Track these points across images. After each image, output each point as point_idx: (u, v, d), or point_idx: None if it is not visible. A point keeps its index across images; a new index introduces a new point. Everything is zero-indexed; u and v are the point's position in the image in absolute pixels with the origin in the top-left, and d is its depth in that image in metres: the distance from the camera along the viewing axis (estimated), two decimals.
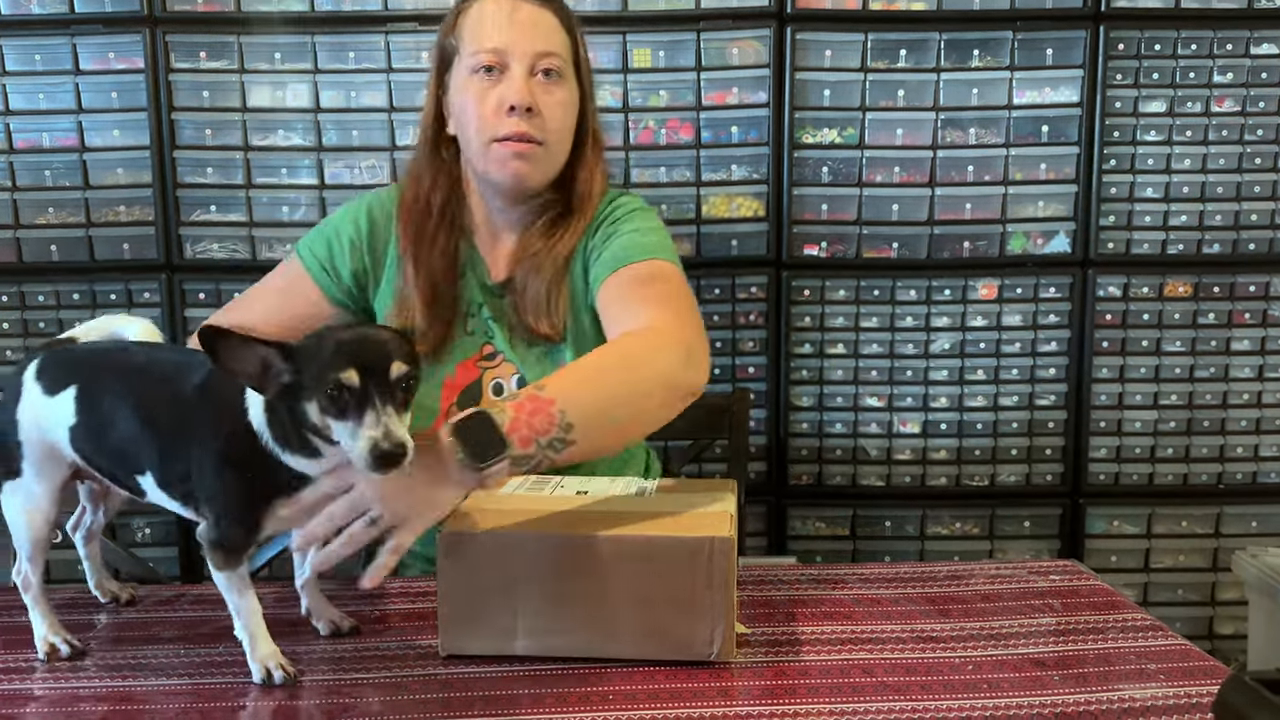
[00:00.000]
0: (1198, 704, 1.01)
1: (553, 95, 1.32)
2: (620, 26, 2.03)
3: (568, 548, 1.07)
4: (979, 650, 1.13)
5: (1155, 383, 2.14)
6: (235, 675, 1.08)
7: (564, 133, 1.35)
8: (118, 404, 1.05)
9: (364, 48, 2.04)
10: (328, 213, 2.03)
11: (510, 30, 1.30)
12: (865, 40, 2.04)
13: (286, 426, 0.97)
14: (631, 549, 1.07)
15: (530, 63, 1.30)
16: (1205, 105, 2.08)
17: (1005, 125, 2.07)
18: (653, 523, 1.10)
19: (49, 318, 2.09)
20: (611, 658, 1.08)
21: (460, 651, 1.10)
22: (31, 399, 1.09)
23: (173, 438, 1.03)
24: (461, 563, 1.08)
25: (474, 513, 1.14)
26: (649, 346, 1.17)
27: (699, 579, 1.06)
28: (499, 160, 1.32)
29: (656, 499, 1.19)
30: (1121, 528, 2.18)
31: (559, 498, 1.19)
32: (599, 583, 1.07)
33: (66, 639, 1.12)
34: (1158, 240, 2.11)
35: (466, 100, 1.33)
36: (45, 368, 1.10)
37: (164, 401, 1.04)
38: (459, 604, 1.09)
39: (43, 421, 1.08)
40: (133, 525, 2.11)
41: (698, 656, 1.08)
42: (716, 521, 1.09)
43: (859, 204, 2.09)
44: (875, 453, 2.16)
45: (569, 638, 1.09)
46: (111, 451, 1.07)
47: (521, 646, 1.09)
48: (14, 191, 2.07)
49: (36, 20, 2.03)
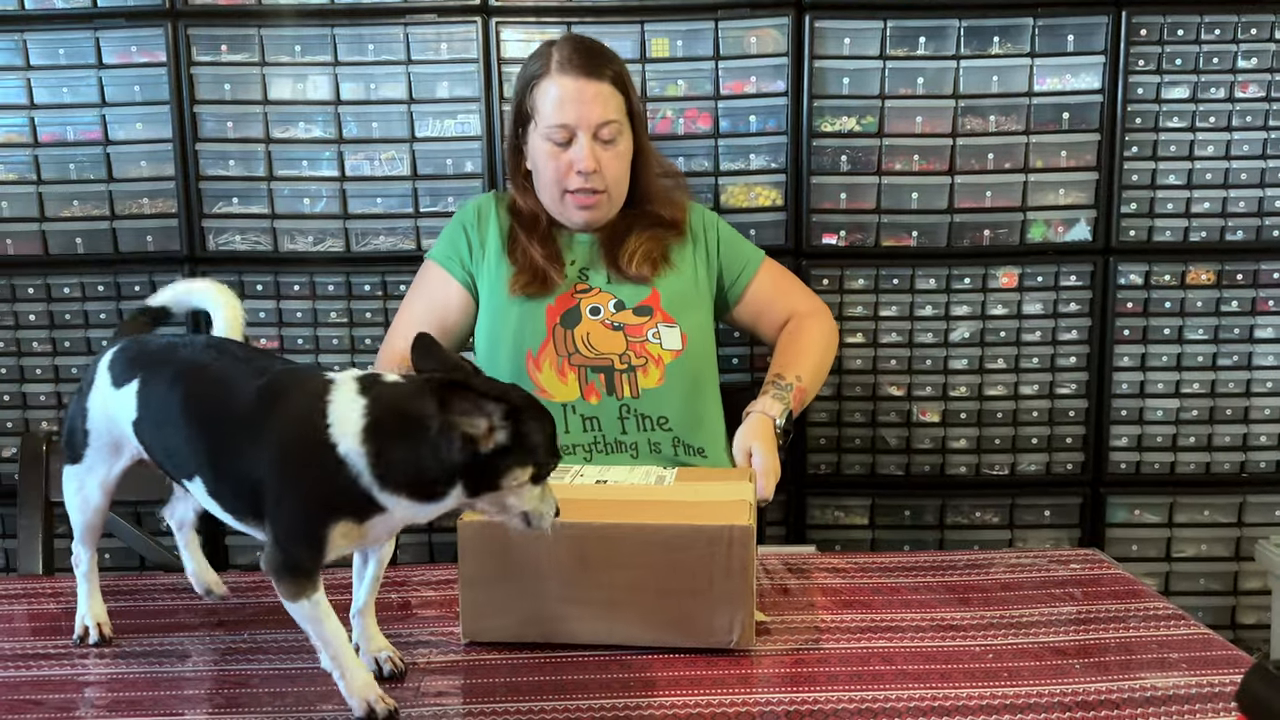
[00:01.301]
0: (1220, 693, 1.01)
1: (610, 152, 1.62)
2: (638, 16, 2.03)
3: (587, 536, 1.08)
4: (999, 639, 1.13)
5: (1177, 371, 2.13)
6: (259, 662, 1.09)
7: (622, 176, 1.66)
8: (175, 404, 1.04)
9: (383, 40, 2.04)
10: (348, 204, 2.08)
11: (577, 108, 1.59)
12: (884, 27, 2.03)
13: (411, 468, 0.92)
14: (651, 538, 1.08)
15: (592, 133, 1.60)
16: (1229, 90, 2.06)
17: (1026, 112, 2.06)
18: (672, 511, 1.11)
19: (74, 309, 2.11)
20: (632, 645, 1.09)
21: (481, 638, 1.11)
22: (102, 389, 1.10)
23: (233, 449, 0.99)
24: (482, 551, 1.10)
25: None
26: (828, 328, 1.74)
27: (718, 567, 1.07)
28: (570, 209, 1.65)
29: (676, 488, 1.20)
30: (1143, 517, 2.17)
31: (579, 486, 1.20)
32: (619, 571, 1.08)
33: (99, 624, 1.14)
34: (1180, 227, 2.09)
35: (543, 161, 1.63)
36: (116, 359, 1.11)
37: (224, 410, 1.01)
38: (479, 591, 1.10)
39: (111, 412, 1.09)
40: (157, 513, 2.12)
41: (718, 644, 1.08)
42: (736, 510, 1.10)
43: (878, 192, 2.08)
44: (894, 441, 2.16)
45: (589, 625, 1.10)
46: (165, 450, 1.07)
47: (541, 633, 1.10)
48: (39, 185, 2.09)
49: (60, 15, 2.04)
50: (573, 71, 1.60)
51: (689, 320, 1.65)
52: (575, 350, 1.60)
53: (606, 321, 1.62)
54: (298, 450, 0.95)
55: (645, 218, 1.69)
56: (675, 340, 1.62)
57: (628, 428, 1.58)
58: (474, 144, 2.06)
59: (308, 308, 2.11)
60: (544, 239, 1.66)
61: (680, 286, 1.67)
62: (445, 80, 2.05)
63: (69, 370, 2.12)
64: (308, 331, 2.11)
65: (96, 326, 2.11)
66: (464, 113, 2.06)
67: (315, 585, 0.96)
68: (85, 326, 2.12)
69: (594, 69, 1.61)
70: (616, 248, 1.66)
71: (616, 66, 1.65)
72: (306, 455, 0.94)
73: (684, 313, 1.65)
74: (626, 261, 1.64)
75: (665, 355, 1.61)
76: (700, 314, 1.69)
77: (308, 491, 0.95)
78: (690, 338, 1.64)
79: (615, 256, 1.65)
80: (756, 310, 1.75)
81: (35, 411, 2.14)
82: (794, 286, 1.80)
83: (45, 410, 2.14)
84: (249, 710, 0.99)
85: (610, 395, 1.59)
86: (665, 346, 1.62)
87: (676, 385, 1.61)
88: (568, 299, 1.64)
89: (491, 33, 2.02)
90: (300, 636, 1.13)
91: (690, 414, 1.62)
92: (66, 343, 2.12)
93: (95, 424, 1.11)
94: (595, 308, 1.64)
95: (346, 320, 2.11)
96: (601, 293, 1.65)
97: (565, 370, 1.60)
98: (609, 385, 1.59)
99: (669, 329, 1.63)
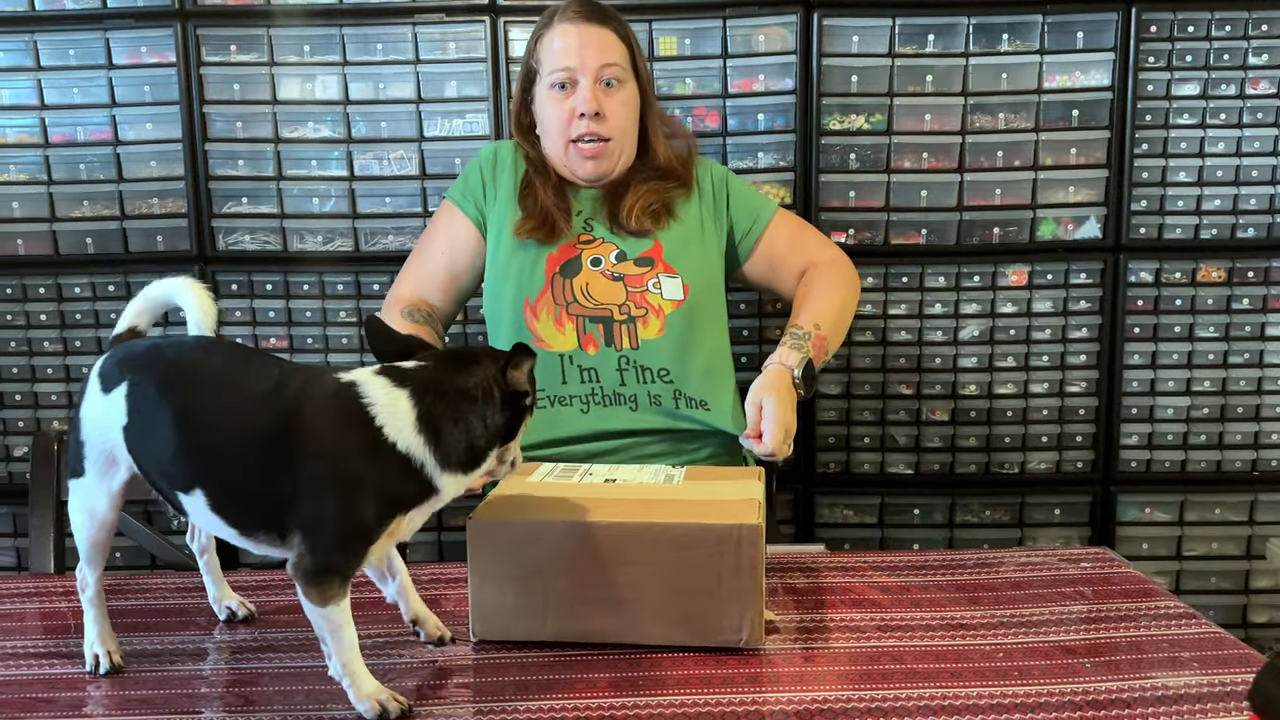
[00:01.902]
0: (1232, 692, 1.00)
1: (614, 98, 1.62)
2: (646, 14, 2.03)
3: (596, 535, 1.08)
4: (1009, 637, 1.12)
5: (1188, 369, 2.12)
6: (270, 660, 1.09)
7: (628, 126, 1.65)
8: (168, 410, 0.98)
9: (392, 39, 2.05)
10: (357, 204, 2.08)
11: (578, 51, 1.60)
12: (893, 25, 2.02)
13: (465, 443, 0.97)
14: (660, 536, 1.07)
15: (595, 75, 1.60)
16: (1239, 88, 2.05)
17: (1035, 110, 2.05)
18: (682, 510, 1.11)
19: (85, 309, 2.12)
20: (642, 644, 1.09)
21: (491, 637, 1.11)
22: (92, 396, 1.04)
23: (250, 461, 0.96)
24: (491, 550, 1.09)
25: (503, 500, 1.15)
26: (848, 274, 1.70)
27: (727, 566, 1.06)
28: (577, 160, 1.64)
29: (685, 486, 1.20)
30: (1153, 515, 2.16)
31: (587, 485, 1.20)
32: (628, 570, 1.08)
33: (110, 652, 1.07)
34: (1190, 225, 2.09)
35: (547, 112, 1.64)
36: (107, 363, 1.05)
37: (234, 419, 0.97)
38: (489, 590, 1.10)
39: (99, 420, 1.03)
40: (168, 513, 2.13)
41: (727, 643, 1.08)
42: (745, 509, 1.10)
43: (887, 190, 2.07)
44: (904, 440, 2.16)
45: (599, 623, 1.09)
46: (156, 461, 1.00)
47: (551, 632, 1.10)
48: (50, 185, 2.10)
49: (70, 15, 2.05)
50: (575, 19, 1.62)
51: (692, 271, 1.63)
52: (574, 300, 1.60)
53: (607, 272, 1.61)
54: (356, 456, 0.94)
55: (648, 171, 1.68)
56: (677, 290, 1.61)
57: (626, 379, 1.57)
58: (482, 143, 2.06)
59: (317, 307, 2.11)
60: (555, 189, 1.66)
61: (684, 237, 1.66)
62: (453, 80, 2.06)
63: (80, 370, 2.13)
64: (317, 331, 2.11)
65: (107, 326, 2.12)
66: (472, 112, 2.06)
67: (346, 591, 0.96)
68: (96, 326, 2.12)
69: (597, 17, 1.63)
70: (618, 202, 1.65)
71: (622, 22, 1.66)
72: (366, 459, 0.94)
73: (687, 263, 1.64)
74: (626, 216, 1.63)
75: (666, 305, 1.60)
76: (705, 265, 1.66)
77: (371, 494, 0.94)
78: (693, 288, 1.62)
79: (616, 210, 1.65)
80: (770, 263, 1.72)
81: (46, 411, 2.15)
82: (810, 236, 1.75)
83: (56, 410, 2.15)
84: (259, 708, 0.99)
85: (609, 346, 1.58)
86: (666, 296, 1.60)
87: (677, 336, 1.59)
88: (569, 249, 1.63)
89: (499, 32, 2.03)
90: (311, 635, 1.13)
91: (692, 366, 1.59)
92: (77, 342, 2.13)
93: (89, 434, 1.04)
94: (596, 258, 1.63)
95: (355, 319, 2.11)
96: (604, 244, 1.64)
97: (563, 319, 1.59)
98: (608, 336, 1.58)
99: (670, 279, 1.61)
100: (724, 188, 1.72)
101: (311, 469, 0.94)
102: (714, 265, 1.68)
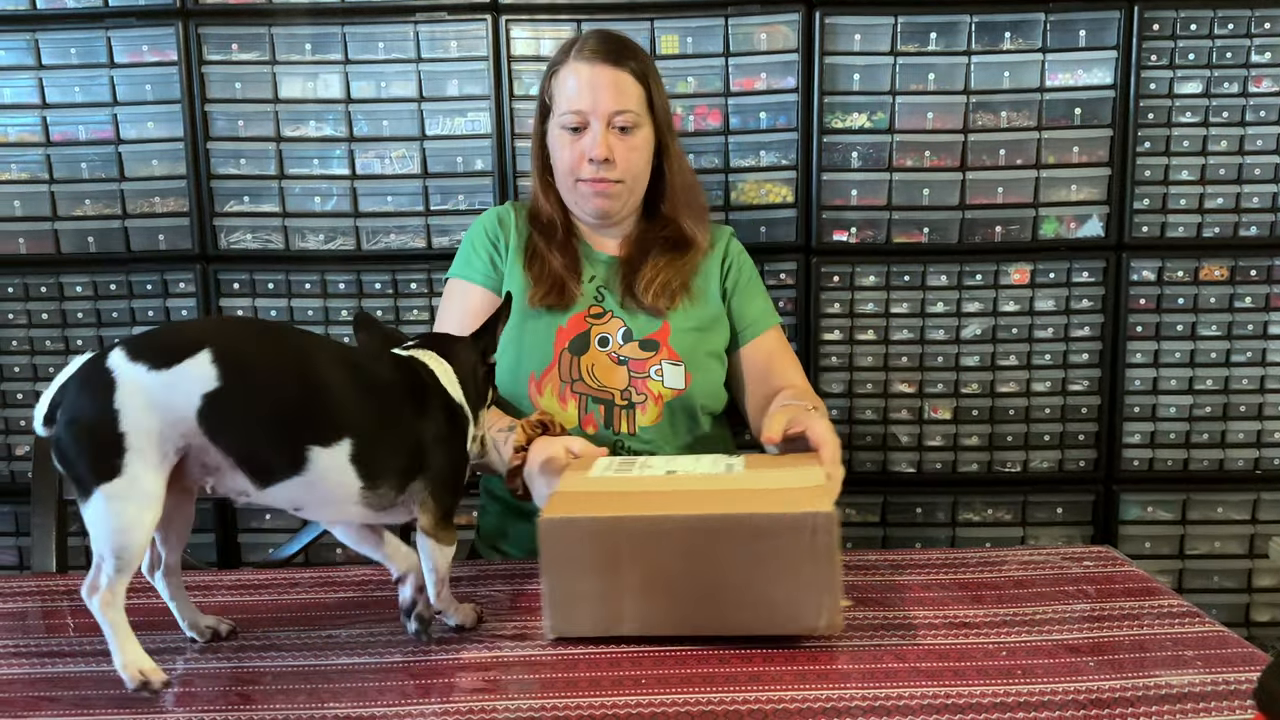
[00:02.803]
0: (1235, 690, 1.00)
1: (627, 143, 1.58)
2: (648, 14, 2.03)
3: (672, 529, 1.09)
4: (1012, 636, 1.12)
5: (1190, 367, 2.12)
6: (273, 659, 1.09)
7: (640, 171, 1.61)
8: (293, 365, 1.02)
9: (393, 38, 2.04)
10: (359, 203, 2.08)
11: (591, 94, 1.56)
12: (895, 23, 2.02)
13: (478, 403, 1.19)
14: (736, 528, 1.08)
15: (607, 120, 1.56)
16: (1242, 86, 2.05)
17: (1037, 108, 2.05)
18: (753, 500, 1.12)
19: (86, 308, 2.12)
20: (718, 634, 1.10)
21: (567, 634, 1.12)
22: (135, 380, 0.97)
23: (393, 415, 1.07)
24: (564, 547, 1.10)
25: (570, 496, 1.16)
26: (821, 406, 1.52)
27: (804, 553, 1.07)
28: (584, 196, 1.60)
29: (747, 475, 1.21)
30: (1156, 514, 2.16)
31: (651, 478, 1.21)
32: (704, 561, 1.08)
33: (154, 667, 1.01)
34: (1193, 223, 2.08)
35: (558, 150, 1.60)
36: (139, 349, 0.99)
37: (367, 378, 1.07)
38: (564, 587, 1.11)
39: (159, 399, 0.97)
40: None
41: (804, 630, 1.09)
42: (815, 496, 1.11)
43: (889, 189, 2.07)
44: (906, 439, 2.16)
45: (675, 615, 1.10)
46: (274, 419, 1.01)
47: (628, 627, 1.10)
48: (51, 184, 2.10)
49: (71, 14, 2.05)
50: (591, 58, 1.56)
51: (696, 359, 1.60)
52: (579, 378, 1.57)
53: (613, 354, 1.58)
54: (455, 415, 1.12)
55: (666, 237, 1.64)
56: (679, 379, 1.58)
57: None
58: (484, 142, 2.06)
59: (319, 306, 2.11)
60: (563, 248, 1.62)
61: (694, 321, 1.62)
62: (455, 78, 2.06)
63: None
64: (319, 329, 2.11)
65: (109, 325, 2.12)
66: (474, 110, 2.06)
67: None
68: (98, 325, 2.12)
69: (613, 57, 1.57)
70: (634, 274, 1.61)
71: (640, 59, 1.60)
72: (457, 419, 1.12)
73: (692, 351, 1.60)
74: (643, 290, 1.59)
75: (666, 393, 1.57)
76: (711, 349, 1.63)
77: (460, 445, 1.13)
78: (695, 377, 1.59)
79: (632, 283, 1.60)
80: (749, 367, 1.65)
81: None
82: (795, 361, 1.67)
83: None
84: (262, 707, 0.99)
85: (607, 429, 1.56)
86: (667, 384, 1.57)
87: (673, 424, 1.58)
88: (580, 321, 1.60)
89: (501, 30, 2.03)
90: (313, 634, 1.14)
91: (685, 453, 1.57)
92: (79, 341, 2.13)
93: (134, 421, 0.97)
94: (604, 338, 1.59)
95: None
96: (613, 319, 1.60)
97: (567, 396, 1.56)
98: (607, 418, 1.56)
99: (674, 366, 1.58)
100: (738, 271, 1.68)
101: (436, 428, 1.09)
102: (720, 345, 1.65)
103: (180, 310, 2.11)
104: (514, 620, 1.19)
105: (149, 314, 2.12)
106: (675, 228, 1.64)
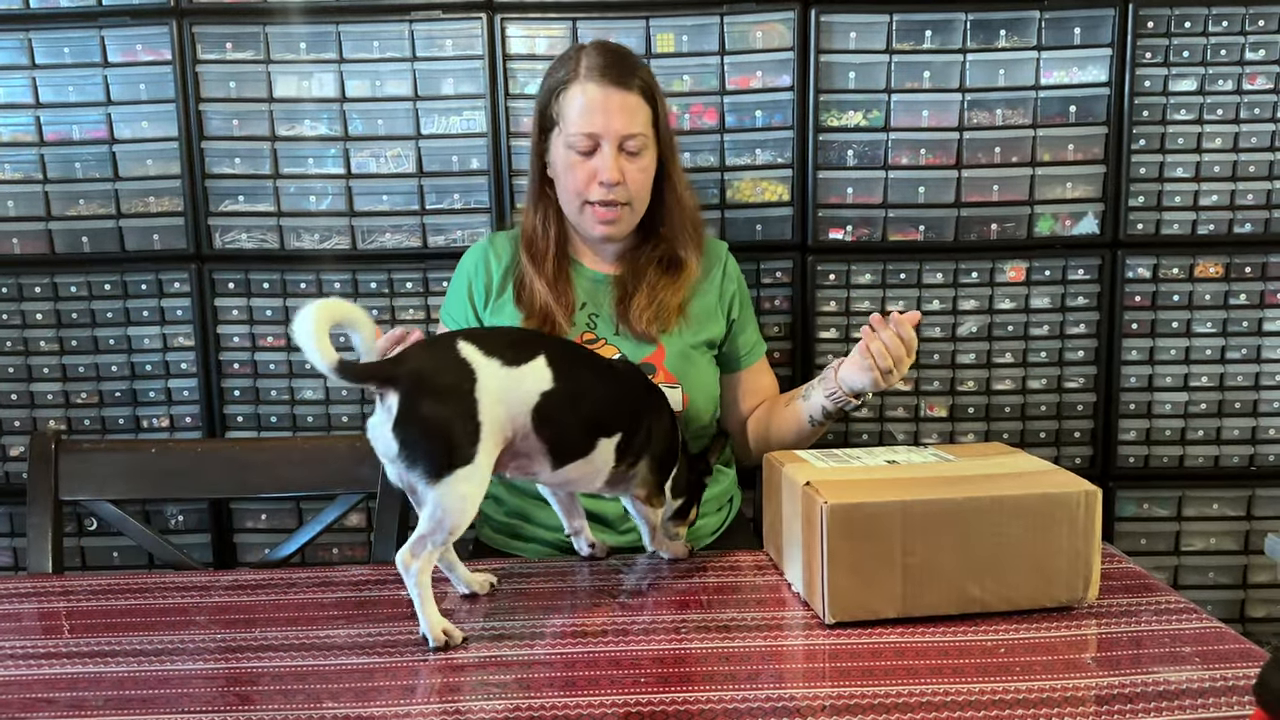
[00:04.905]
0: (1234, 686, 1.00)
1: (635, 164, 1.59)
2: (643, 11, 2.02)
3: (950, 512, 1.16)
4: (1011, 633, 1.12)
5: (1185, 364, 2.12)
6: (269, 659, 1.09)
7: (644, 192, 1.62)
8: (588, 371, 1.26)
9: (388, 37, 2.04)
10: (354, 202, 2.07)
11: (602, 117, 1.56)
12: (890, 21, 2.02)
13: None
14: (1012, 509, 1.16)
15: (618, 143, 1.56)
16: (1236, 83, 2.05)
17: (1033, 106, 2.05)
18: (1016, 483, 1.21)
19: (81, 308, 2.11)
20: (990, 611, 1.16)
21: (848, 618, 1.15)
22: (493, 374, 1.13)
23: (635, 410, 1.29)
24: (849, 533, 1.14)
25: (834, 484, 1.20)
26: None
27: (1071, 530, 1.16)
28: (591, 221, 1.61)
29: (974, 463, 1.30)
30: (1151, 511, 2.16)
31: (881, 466, 1.29)
32: (982, 541, 1.15)
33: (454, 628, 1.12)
34: (1188, 220, 2.09)
35: (566, 169, 1.59)
36: (488, 345, 1.16)
37: (623, 381, 1.32)
38: (846, 573, 1.15)
39: (509, 394, 1.14)
40: (166, 512, 2.13)
41: (1069, 603, 1.18)
42: (1070, 477, 1.22)
43: (885, 187, 2.07)
44: (902, 437, 2.16)
45: (951, 595, 1.16)
46: (583, 415, 1.22)
47: (902, 609, 1.15)
48: (45, 184, 2.09)
49: (65, 13, 2.04)
50: (601, 79, 1.56)
51: (692, 380, 1.62)
52: None
53: None
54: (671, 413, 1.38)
55: (660, 258, 1.65)
56: (675, 402, 1.57)
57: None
58: (479, 140, 2.06)
59: None
60: (553, 276, 1.62)
61: (688, 343, 1.63)
62: (450, 77, 2.05)
63: (76, 369, 2.13)
64: None
65: (103, 325, 2.11)
66: (469, 109, 2.05)
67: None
68: (92, 325, 2.12)
69: (622, 79, 1.57)
70: (628, 299, 1.62)
71: (646, 77, 1.61)
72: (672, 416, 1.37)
73: (687, 372, 1.62)
74: (637, 316, 1.60)
75: None
76: (705, 369, 1.66)
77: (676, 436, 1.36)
78: (693, 399, 1.61)
79: (626, 309, 1.61)
80: (744, 391, 1.74)
81: (43, 410, 2.14)
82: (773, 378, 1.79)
83: (53, 409, 2.14)
84: (259, 707, 0.99)
85: None
86: None
87: None
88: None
89: (497, 29, 2.02)
90: (311, 634, 1.14)
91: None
92: (73, 341, 2.12)
93: (489, 413, 1.12)
94: None
95: None
96: (606, 345, 1.61)
97: None
98: None
99: (670, 390, 1.58)
100: (741, 298, 1.73)
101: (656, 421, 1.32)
102: (713, 375, 1.68)
103: (175, 310, 2.11)
104: (514, 620, 1.19)
105: (144, 314, 2.11)
106: (669, 248, 1.65)
